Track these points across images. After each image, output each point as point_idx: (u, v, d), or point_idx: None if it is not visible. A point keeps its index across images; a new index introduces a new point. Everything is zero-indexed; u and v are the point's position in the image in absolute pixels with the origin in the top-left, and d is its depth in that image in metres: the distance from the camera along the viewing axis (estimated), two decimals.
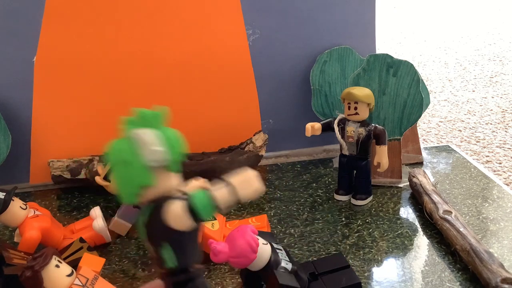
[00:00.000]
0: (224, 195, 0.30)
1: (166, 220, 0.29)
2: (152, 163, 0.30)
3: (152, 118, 0.31)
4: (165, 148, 0.30)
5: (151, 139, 0.30)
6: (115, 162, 0.31)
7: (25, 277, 0.45)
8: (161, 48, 0.83)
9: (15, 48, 0.79)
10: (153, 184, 0.30)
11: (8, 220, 0.60)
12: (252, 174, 0.30)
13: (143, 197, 0.30)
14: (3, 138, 0.79)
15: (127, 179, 0.30)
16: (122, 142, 0.31)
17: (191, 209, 0.29)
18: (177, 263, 0.30)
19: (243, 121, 0.88)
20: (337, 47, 0.87)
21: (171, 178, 0.31)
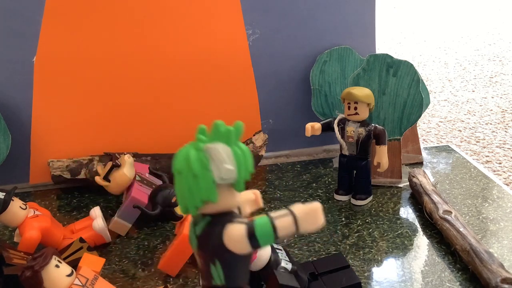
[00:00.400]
0: (286, 225, 0.29)
1: (223, 240, 0.29)
2: (220, 181, 0.29)
3: (228, 134, 0.30)
4: (234, 166, 0.30)
5: (224, 156, 0.29)
6: (182, 172, 0.30)
7: (25, 277, 0.45)
8: (161, 48, 0.83)
9: (15, 48, 0.78)
10: (216, 201, 0.30)
11: (8, 220, 0.60)
12: (317, 206, 0.30)
13: (202, 209, 0.30)
14: (3, 138, 0.79)
15: (192, 192, 0.29)
16: (194, 152, 0.30)
17: (252, 234, 0.29)
18: (225, 282, 0.30)
19: (243, 121, 0.87)
20: (337, 47, 0.87)
21: (234, 196, 0.31)
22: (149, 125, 0.85)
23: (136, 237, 0.68)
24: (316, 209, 0.30)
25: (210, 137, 0.30)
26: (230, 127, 0.30)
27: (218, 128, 0.30)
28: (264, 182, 0.83)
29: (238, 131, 0.31)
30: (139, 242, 0.67)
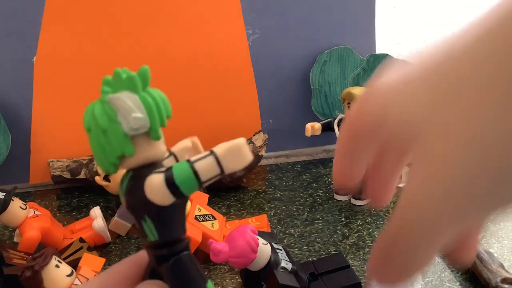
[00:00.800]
0: (207, 167, 0.26)
1: (145, 193, 0.26)
2: (130, 131, 0.27)
3: (132, 80, 0.27)
4: (145, 114, 0.27)
5: (130, 105, 0.27)
6: (91, 128, 0.28)
7: (25, 277, 0.45)
8: (160, 49, 0.83)
9: (15, 48, 0.78)
10: (133, 154, 0.27)
11: (8, 220, 0.60)
12: (240, 142, 0.27)
13: (122, 165, 0.28)
14: (3, 138, 0.79)
15: (104, 148, 0.27)
16: (98, 106, 0.27)
17: (171, 182, 0.26)
18: (158, 237, 0.27)
19: (243, 121, 0.88)
20: (337, 47, 0.87)
21: (153, 146, 0.28)
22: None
23: (136, 237, 0.68)
24: (240, 145, 0.26)
25: (113, 87, 0.28)
26: (133, 73, 0.28)
27: (119, 76, 0.28)
28: (264, 182, 0.83)
29: (144, 76, 0.28)
30: (139, 242, 0.67)
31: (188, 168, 0.26)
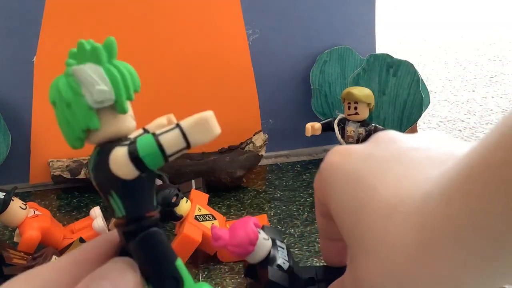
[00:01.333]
0: (172, 140, 0.26)
1: (110, 167, 0.26)
2: (95, 104, 0.26)
3: (96, 52, 0.27)
4: (110, 86, 0.26)
5: (94, 77, 0.26)
6: (56, 102, 0.27)
7: None
8: (160, 48, 0.83)
9: (15, 48, 0.79)
10: (98, 127, 0.26)
11: (8, 220, 0.60)
12: (207, 114, 0.26)
13: (89, 140, 0.27)
14: (2, 138, 0.79)
15: (69, 121, 0.26)
16: (63, 79, 0.27)
17: (135, 156, 0.25)
18: (125, 212, 0.26)
19: (243, 121, 0.88)
20: (337, 47, 0.87)
21: (120, 120, 0.27)
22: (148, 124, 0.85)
23: None
24: (207, 117, 0.26)
25: (78, 60, 0.27)
26: (98, 44, 0.27)
27: (83, 47, 0.27)
28: (264, 182, 0.83)
29: (109, 47, 0.27)
30: None
31: (153, 140, 0.25)
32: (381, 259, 0.25)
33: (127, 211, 0.27)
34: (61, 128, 0.27)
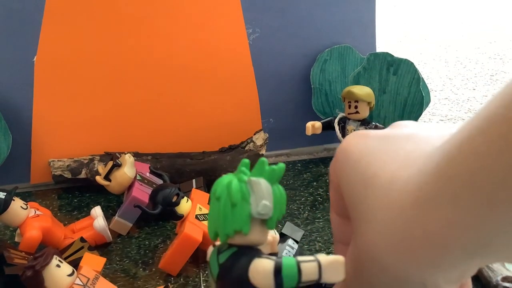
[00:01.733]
0: (310, 271, 0.29)
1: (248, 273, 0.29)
2: (256, 215, 0.29)
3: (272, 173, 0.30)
4: (272, 204, 0.30)
5: (264, 192, 0.29)
6: (221, 198, 0.30)
7: (26, 277, 0.45)
8: (161, 48, 0.83)
9: (15, 48, 0.79)
10: (247, 234, 0.30)
11: (9, 220, 0.60)
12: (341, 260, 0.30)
13: (231, 239, 0.31)
14: (3, 138, 0.79)
15: (227, 220, 0.30)
16: (236, 182, 0.30)
17: (278, 272, 0.29)
18: None
19: (244, 120, 0.88)
20: (338, 45, 0.87)
21: (264, 233, 0.31)
22: (149, 125, 0.86)
23: (137, 237, 0.68)
24: (341, 262, 0.29)
25: (253, 173, 0.31)
26: (275, 167, 0.30)
27: (263, 165, 0.30)
28: None
29: (281, 172, 0.31)
30: (140, 242, 0.67)
31: (295, 265, 0.29)
32: (380, 225, 0.26)
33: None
34: (213, 220, 0.31)
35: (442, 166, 0.24)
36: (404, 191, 0.26)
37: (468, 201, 0.22)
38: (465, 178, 0.22)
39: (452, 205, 0.23)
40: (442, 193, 0.23)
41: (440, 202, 0.23)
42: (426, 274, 0.25)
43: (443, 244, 0.24)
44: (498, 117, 0.21)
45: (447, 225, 0.23)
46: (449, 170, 0.23)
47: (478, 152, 0.22)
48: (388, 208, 0.26)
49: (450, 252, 0.24)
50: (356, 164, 0.29)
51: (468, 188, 0.22)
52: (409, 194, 0.25)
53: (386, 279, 0.26)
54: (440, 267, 0.24)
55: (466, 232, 0.23)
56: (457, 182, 0.23)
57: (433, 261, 0.24)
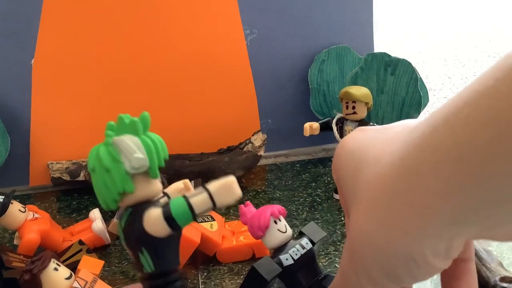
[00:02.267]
0: (201, 202, 0.30)
1: (144, 226, 0.29)
2: (132, 170, 0.30)
3: (134, 125, 0.31)
4: (145, 155, 0.30)
5: (132, 146, 0.30)
6: (95, 168, 0.30)
7: (24, 280, 0.46)
8: (158, 49, 0.83)
9: (13, 51, 0.79)
10: (133, 191, 0.30)
11: (7, 223, 0.60)
12: (231, 180, 0.30)
13: (122, 203, 0.31)
14: (2, 140, 0.79)
15: (107, 185, 0.30)
16: (103, 148, 0.30)
17: (168, 215, 0.29)
18: (154, 268, 0.30)
19: (242, 121, 0.88)
20: (335, 46, 0.87)
21: (151, 184, 0.31)
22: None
23: None
24: (230, 182, 0.30)
25: (117, 131, 0.31)
26: (135, 118, 0.31)
27: (122, 121, 0.31)
28: (263, 182, 0.83)
29: (144, 121, 0.32)
30: None
31: (184, 202, 0.30)
32: (368, 202, 0.27)
33: (156, 266, 0.30)
34: (97, 192, 0.31)
35: (426, 137, 0.24)
36: (388, 163, 0.26)
37: (452, 171, 0.22)
38: (450, 149, 0.22)
39: (435, 175, 0.23)
40: (426, 163, 0.24)
41: (423, 172, 0.24)
42: (412, 245, 0.25)
43: (426, 213, 0.24)
44: (488, 89, 0.21)
45: (430, 194, 0.23)
46: (433, 141, 0.23)
47: (465, 123, 0.22)
48: (374, 184, 0.26)
49: (433, 220, 0.24)
50: (351, 153, 0.30)
51: (452, 159, 0.22)
52: (393, 165, 0.25)
53: (378, 257, 0.27)
54: (425, 236, 0.24)
55: (448, 202, 0.23)
56: (442, 152, 0.23)
57: (417, 230, 0.24)
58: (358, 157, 0.29)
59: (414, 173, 0.24)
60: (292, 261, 0.49)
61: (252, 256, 0.61)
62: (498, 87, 0.21)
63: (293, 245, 0.51)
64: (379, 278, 0.28)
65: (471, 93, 0.22)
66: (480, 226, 0.23)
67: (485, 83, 0.22)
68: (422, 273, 0.27)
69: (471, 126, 0.22)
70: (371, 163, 0.27)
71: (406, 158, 0.25)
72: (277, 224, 0.51)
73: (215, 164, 0.78)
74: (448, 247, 0.25)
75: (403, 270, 0.26)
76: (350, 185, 0.30)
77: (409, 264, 0.26)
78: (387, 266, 0.27)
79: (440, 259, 0.26)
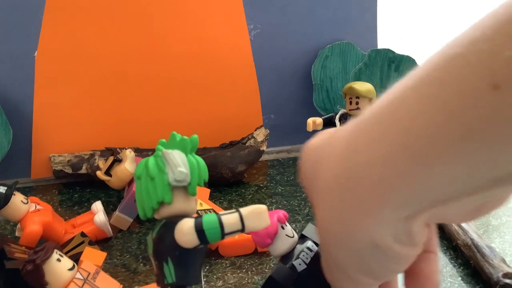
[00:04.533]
0: (232, 222, 0.31)
1: (174, 235, 0.31)
2: (173, 182, 0.31)
3: (183, 142, 0.33)
4: (188, 170, 0.32)
5: (178, 160, 0.32)
6: (141, 177, 0.33)
7: (26, 270, 0.45)
8: (162, 43, 0.82)
9: (16, 43, 0.78)
10: (171, 202, 0.32)
11: (9, 215, 0.60)
12: (263, 208, 0.32)
13: (158, 214, 0.33)
14: (4, 133, 0.79)
15: (149, 193, 0.32)
16: (152, 159, 0.33)
17: (199, 228, 0.31)
18: (175, 279, 0.31)
19: (245, 116, 0.88)
20: (339, 42, 0.87)
21: (188, 200, 0.33)
22: (150, 120, 0.85)
23: (137, 232, 0.68)
24: (262, 209, 0.32)
25: (167, 146, 0.33)
26: (185, 137, 0.33)
27: (174, 138, 0.33)
28: (265, 177, 0.83)
29: (193, 142, 0.34)
30: (141, 237, 0.67)
31: (216, 219, 0.31)
32: (324, 195, 0.27)
33: (177, 278, 0.31)
34: (139, 199, 0.33)
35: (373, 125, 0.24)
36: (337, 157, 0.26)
37: (397, 159, 0.23)
38: (395, 137, 0.23)
39: (382, 163, 0.23)
40: (372, 153, 0.24)
41: (370, 161, 0.24)
42: (370, 231, 0.25)
43: (377, 200, 0.24)
44: (431, 78, 0.22)
45: (379, 182, 0.24)
46: (380, 129, 0.24)
47: (408, 111, 0.22)
48: (327, 178, 0.27)
49: (385, 205, 0.24)
50: (311, 152, 0.31)
51: (398, 147, 0.23)
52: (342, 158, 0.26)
53: (343, 250, 0.27)
54: (380, 221, 0.25)
55: (397, 187, 0.23)
56: (387, 141, 0.23)
57: (371, 216, 0.25)
58: (316, 155, 0.30)
59: (362, 163, 0.24)
60: (305, 266, 0.49)
61: (254, 250, 0.61)
62: (441, 76, 0.21)
63: (300, 249, 0.50)
64: (357, 275, 0.28)
65: (415, 81, 0.23)
66: (430, 207, 0.24)
67: (429, 72, 0.22)
68: (392, 263, 0.27)
69: (415, 115, 0.22)
70: (325, 159, 0.28)
71: (354, 150, 0.25)
72: (284, 230, 0.50)
73: (217, 159, 0.78)
74: (408, 232, 0.26)
75: (371, 260, 0.27)
76: (312, 183, 0.30)
77: (375, 252, 0.26)
78: (355, 258, 0.27)
79: (404, 245, 0.26)
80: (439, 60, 0.22)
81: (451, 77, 0.21)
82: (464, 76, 0.20)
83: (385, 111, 0.24)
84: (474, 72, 0.20)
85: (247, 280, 0.56)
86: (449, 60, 0.21)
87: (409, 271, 0.30)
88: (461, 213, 0.25)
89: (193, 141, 0.33)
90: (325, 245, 0.29)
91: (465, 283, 0.55)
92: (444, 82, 0.21)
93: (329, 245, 0.28)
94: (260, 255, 0.61)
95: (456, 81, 0.21)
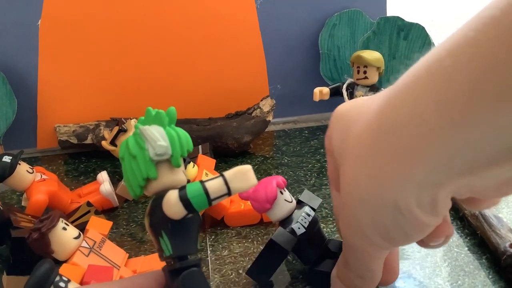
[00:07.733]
0: (216, 186, 0.31)
1: (163, 208, 0.31)
2: (155, 157, 0.31)
3: (159, 116, 0.33)
4: (168, 143, 0.32)
5: (156, 134, 0.32)
6: (124, 157, 0.33)
7: (32, 239, 0.45)
8: (167, 12, 0.81)
9: (19, 12, 0.77)
10: (156, 177, 0.32)
11: (15, 184, 0.60)
12: (246, 167, 0.32)
13: (148, 191, 0.33)
14: (9, 103, 0.79)
15: (133, 171, 0.32)
16: (131, 138, 0.33)
17: (184, 197, 0.31)
18: (172, 251, 0.31)
19: (251, 86, 0.87)
20: (347, 10, 0.85)
21: (174, 173, 0.32)
22: (155, 90, 0.85)
23: (143, 202, 0.68)
24: (246, 169, 0.31)
25: (143, 122, 0.33)
26: (161, 110, 0.33)
27: (149, 113, 0.33)
28: (271, 148, 0.82)
29: (170, 114, 0.33)
30: (146, 207, 0.67)
31: (200, 186, 0.31)
32: (353, 156, 0.28)
33: (174, 250, 0.31)
34: (126, 179, 0.33)
35: (409, 87, 0.25)
36: (371, 118, 0.27)
37: (433, 119, 0.23)
38: (432, 97, 0.23)
39: (416, 123, 0.24)
40: (408, 112, 0.25)
41: (405, 121, 0.25)
42: (397, 191, 0.26)
43: (409, 160, 0.25)
44: (469, 39, 0.22)
45: (413, 142, 0.24)
46: (416, 90, 0.24)
47: (446, 73, 0.23)
48: (360, 138, 0.28)
49: (417, 167, 0.25)
50: (341, 117, 0.32)
51: (435, 107, 0.23)
52: (376, 119, 0.27)
53: (366, 209, 0.28)
54: (408, 183, 0.25)
55: (431, 148, 0.24)
56: (424, 101, 0.24)
57: (401, 177, 0.26)
58: (347, 119, 0.31)
59: (399, 120, 0.25)
60: (304, 230, 0.49)
61: (260, 220, 0.61)
62: (478, 37, 0.22)
63: (298, 214, 0.50)
64: (372, 235, 0.29)
65: (452, 43, 0.23)
66: (459, 175, 0.24)
67: (466, 33, 0.22)
68: (410, 228, 0.28)
69: (452, 75, 0.22)
70: (357, 121, 0.29)
71: (388, 111, 0.26)
72: (283, 195, 0.50)
73: (223, 129, 0.77)
74: (432, 200, 0.26)
75: (391, 223, 0.27)
76: (340, 146, 0.31)
77: (395, 214, 0.26)
78: (376, 218, 0.28)
79: (426, 213, 0.27)
80: (475, 22, 0.22)
81: (487, 37, 0.21)
82: (499, 38, 0.21)
83: (422, 71, 0.24)
84: (507, 34, 0.20)
85: (253, 250, 0.56)
86: (485, 23, 0.22)
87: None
88: (490, 186, 0.25)
89: (170, 113, 0.33)
90: (348, 204, 0.29)
91: (472, 253, 0.54)
92: (480, 43, 0.21)
93: (352, 203, 0.29)
94: (265, 225, 0.61)
95: (492, 43, 0.21)
